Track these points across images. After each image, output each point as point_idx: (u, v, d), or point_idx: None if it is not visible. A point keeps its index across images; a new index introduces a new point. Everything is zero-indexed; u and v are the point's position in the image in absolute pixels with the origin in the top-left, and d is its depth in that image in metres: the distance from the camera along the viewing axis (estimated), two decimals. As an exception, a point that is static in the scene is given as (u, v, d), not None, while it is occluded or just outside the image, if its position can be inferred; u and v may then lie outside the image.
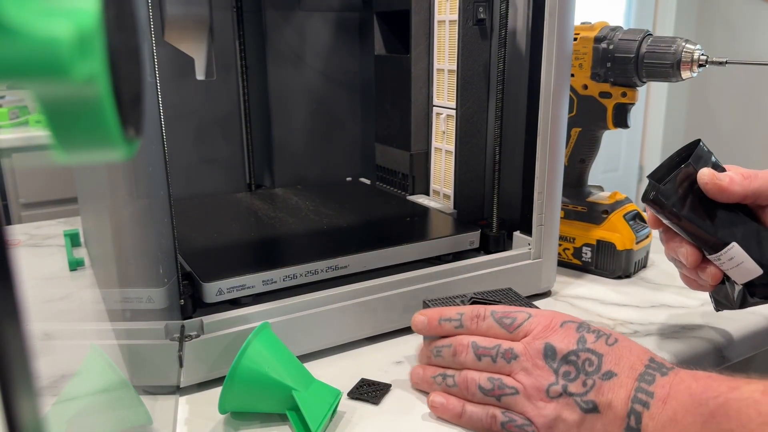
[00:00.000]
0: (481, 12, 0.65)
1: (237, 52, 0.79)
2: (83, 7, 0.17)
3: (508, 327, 0.45)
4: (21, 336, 0.16)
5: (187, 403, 0.48)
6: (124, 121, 0.19)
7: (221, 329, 0.48)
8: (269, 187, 0.86)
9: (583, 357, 0.41)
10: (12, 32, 0.16)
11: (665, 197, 0.50)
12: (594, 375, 0.41)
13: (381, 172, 0.82)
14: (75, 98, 0.17)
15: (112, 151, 0.19)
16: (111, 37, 0.18)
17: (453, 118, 0.69)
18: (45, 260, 0.78)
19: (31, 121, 1.90)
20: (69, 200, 1.03)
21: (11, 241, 0.80)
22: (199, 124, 0.80)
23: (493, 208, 0.64)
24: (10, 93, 1.93)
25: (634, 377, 0.40)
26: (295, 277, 0.54)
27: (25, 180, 1.79)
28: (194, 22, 0.55)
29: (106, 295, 0.60)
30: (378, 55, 0.80)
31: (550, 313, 0.45)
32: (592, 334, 0.43)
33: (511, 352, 0.43)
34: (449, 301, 0.52)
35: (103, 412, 0.42)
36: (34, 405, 0.16)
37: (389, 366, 0.52)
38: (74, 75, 0.17)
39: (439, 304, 0.51)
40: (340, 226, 0.66)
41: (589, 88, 0.68)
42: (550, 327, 0.43)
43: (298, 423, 0.43)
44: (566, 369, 0.41)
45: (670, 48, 0.61)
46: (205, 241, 0.62)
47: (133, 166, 0.44)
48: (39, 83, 0.17)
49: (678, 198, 0.50)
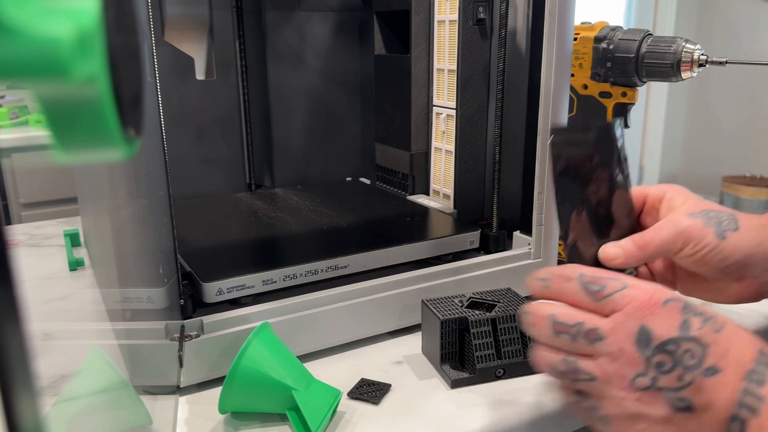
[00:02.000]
0: (481, 12, 0.65)
1: (237, 52, 0.79)
2: (83, 7, 0.17)
3: (596, 294, 0.38)
4: (21, 336, 0.16)
5: (187, 403, 0.48)
6: (124, 121, 0.19)
7: (221, 329, 0.48)
8: (269, 187, 0.86)
9: (685, 347, 0.35)
10: (12, 32, 0.16)
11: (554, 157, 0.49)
12: (694, 369, 0.35)
13: (381, 172, 0.82)
14: (75, 98, 0.17)
15: (112, 151, 0.19)
16: (111, 37, 0.18)
17: (453, 118, 0.69)
18: (45, 260, 0.78)
19: (31, 121, 1.90)
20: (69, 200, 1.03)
21: (11, 241, 0.80)
22: (199, 124, 0.80)
23: (493, 208, 0.64)
24: (10, 93, 1.93)
25: (741, 375, 0.34)
26: (295, 277, 0.54)
27: (25, 180, 1.79)
28: (194, 22, 0.55)
29: (106, 295, 0.60)
30: (378, 55, 0.80)
31: (651, 287, 0.37)
32: (698, 317, 0.36)
33: (596, 333, 0.37)
34: (447, 301, 0.52)
35: (103, 412, 0.42)
36: (34, 405, 0.16)
37: (389, 366, 0.52)
38: (74, 75, 0.17)
39: (438, 304, 0.51)
40: (340, 226, 0.66)
41: (589, 88, 0.68)
42: (648, 305, 0.36)
43: (298, 423, 0.43)
44: (661, 359, 0.35)
45: (670, 48, 0.61)
46: (205, 241, 0.62)
47: (133, 166, 0.44)
48: (39, 83, 0.17)
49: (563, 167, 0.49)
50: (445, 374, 0.49)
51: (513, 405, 0.47)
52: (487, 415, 0.46)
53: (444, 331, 0.50)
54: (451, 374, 0.49)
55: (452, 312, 0.50)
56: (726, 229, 0.45)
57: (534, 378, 0.50)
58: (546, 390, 0.44)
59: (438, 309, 0.51)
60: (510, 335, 0.49)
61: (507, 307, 0.50)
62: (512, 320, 0.49)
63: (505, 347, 0.49)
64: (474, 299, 0.52)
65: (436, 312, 0.50)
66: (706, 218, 0.45)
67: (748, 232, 0.46)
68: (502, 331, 0.49)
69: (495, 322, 0.49)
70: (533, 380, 0.49)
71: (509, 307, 0.50)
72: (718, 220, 0.46)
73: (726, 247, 0.45)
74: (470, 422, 0.45)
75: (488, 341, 0.49)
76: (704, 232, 0.45)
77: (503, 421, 0.45)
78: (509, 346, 0.49)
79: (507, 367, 0.49)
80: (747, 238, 0.45)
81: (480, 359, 0.49)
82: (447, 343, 0.50)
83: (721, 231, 0.45)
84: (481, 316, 0.49)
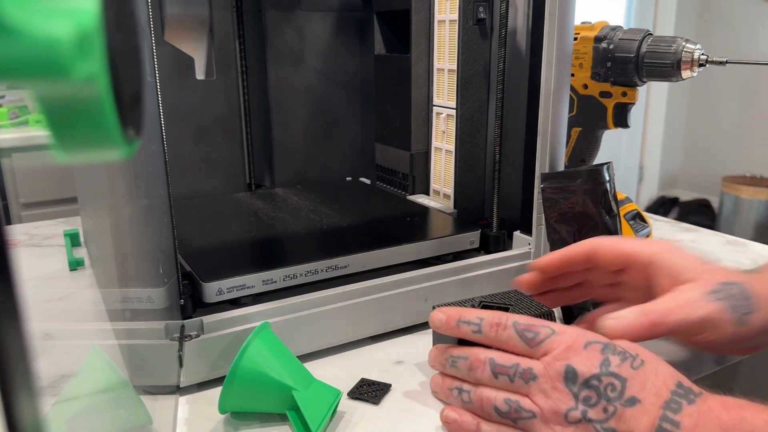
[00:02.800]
0: (481, 12, 0.65)
1: (237, 52, 0.79)
2: (83, 7, 0.17)
3: (530, 341, 0.42)
4: (21, 336, 0.16)
5: (187, 403, 0.48)
6: (124, 121, 0.19)
7: (221, 329, 0.48)
8: (269, 187, 0.86)
9: (606, 381, 0.39)
10: (12, 32, 0.16)
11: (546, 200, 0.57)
12: (616, 401, 0.38)
13: (381, 172, 0.82)
14: (75, 98, 0.17)
15: (112, 151, 0.19)
16: (111, 37, 0.18)
17: (453, 118, 0.69)
18: (45, 260, 0.78)
19: (31, 121, 1.90)
20: (69, 200, 1.03)
21: (11, 241, 0.80)
22: (199, 124, 0.80)
23: (493, 208, 0.64)
24: (10, 93, 1.93)
25: (659, 404, 0.37)
26: (295, 277, 0.54)
27: (25, 180, 1.79)
28: (194, 22, 0.55)
29: (106, 295, 0.60)
30: (378, 55, 0.80)
31: (575, 332, 0.42)
32: (617, 356, 0.40)
33: (530, 373, 0.41)
34: (458, 305, 0.51)
35: (103, 412, 0.42)
36: (34, 405, 0.16)
37: (389, 366, 0.52)
38: (74, 75, 0.17)
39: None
40: (340, 226, 0.66)
41: (589, 88, 0.68)
42: (573, 347, 0.40)
43: (298, 423, 0.43)
44: (587, 394, 0.39)
45: (671, 48, 0.61)
46: (205, 241, 0.62)
47: (133, 166, 0.44)
48: (39, 83, 0.17)
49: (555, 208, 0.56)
50: None
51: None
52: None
53: (461, 339, 0.49)
54: None
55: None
56: (744, 312, 0.44)
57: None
58: None
59: None
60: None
61: (520, 310, 0.49)
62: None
63: None
64: (485, 302, 0.51)
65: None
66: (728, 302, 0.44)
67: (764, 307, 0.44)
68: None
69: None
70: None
71: (523, 309, 0.49)
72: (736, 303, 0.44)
73: (743, 332, 0.44)
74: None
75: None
76: (724, 320, 0.43)
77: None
78: None
79: None
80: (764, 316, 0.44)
81: None
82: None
83: (741, 316, 0.44)
84: None
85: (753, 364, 0.66)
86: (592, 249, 0.49)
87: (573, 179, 0.55)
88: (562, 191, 0.55)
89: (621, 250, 0.48)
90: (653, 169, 3.53)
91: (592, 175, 0.55)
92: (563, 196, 0.55)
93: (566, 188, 0.55)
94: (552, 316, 0.48)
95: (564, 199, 0.55)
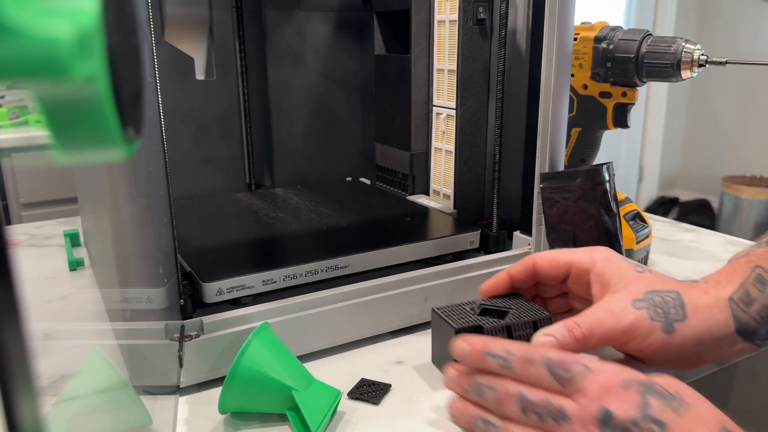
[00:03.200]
0: (481, 12, 0.65)
1: (237, 52, 0.79)
2: (83, 7, 0.17)
3: (562, 380, 0.39)
4: (21, 336, 0.16)
5: (187, 403, 0.48)
6: (124, 121, 0.19)
7: (221, 329, 0.48)
8: (269, 187, 0.86)
9: (645, 428, 0.36)
10: (12, 32, 0.16)
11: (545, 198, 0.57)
12: None
13: (381, 172, 0.82)
14: (75, 98, 0.17)
15: (112, 151, 0.19)
16: (111, 37, 0.18)
17: (453, 118, 0.69)
18: (45, 260, 0.78)
19: (31, 121, 1.90)
20: (69, 200, 1.03)
21: (11, 241, 0.80)
22: (199, 124, 0.80)
23: (493, 208, 0.64)
24: (10, 93, 1.93)
25: None
26: (295, 277, 0.54)
27: (25, 180, 1.79)
28: (194, 22, 0.55)
29: (106, 295, 0.60)
30: (378, 55, 0.80)
31: (611, 369, 0.39)
32: (657, 398, 0.37)
33: (562, 413, 0.38)
34: (457, 308, 0.50)
35: (103, 412, 0.42)
36: (34, 405, 0.16)
37: (389, 366, 0.52)
38: (74, 75, 0.17)
39: (449, 312, 0.50)
40: (340, 226, 0.66)
41: (589, 88, 0.68)
42: (609, 387, 0.37)
43: (298, 423, 0.43)
44: None
45: (670, 48, 0.61)
46: (205, 241, 0.62)
47: (133, 166, 0.44)
48: (39, 83, 0.17)
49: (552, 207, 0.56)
50: None
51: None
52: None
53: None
54: None
55: (466, 320, 0.48)
56: (674, 319, 0.44)
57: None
58: None
59: (451, 317, 0.49)
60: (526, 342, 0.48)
61: (521, 314, 0.49)
62: (527, 327, 0.48)
63: None
64: (485, 305, 0.51)
65: (449, 321, 0.48)
66: (653, 310, 0.44)
67: (696, 317, 0.44)
68: (517, 339, 0.48)
69: (510, 329, 0.48)
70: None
71: (523, 313, 0.49)
72: (665, 310, 0.44)
73: (674, 341, 0.44)
74: (470, 422, 0.45)
75: None
76: (651, 327, 0.43)
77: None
78: None
79: None
80: (696, 325, 0.44)
81: None
82: None
83: (669, 323, 0.44)
84: (496, 324, 0.47)
85: (752, 365, 0.66)
86: (532, 263, 0.50)
87: (572, 179, 0.55)
88: (561, 191, 0.56)
89: (558, 261, 0.49)
90: (653, 169, 3.54)
91: (591, 175, 0.55)
92: (562, 196, 0.55)
93: (565, 188, 0.55)
94: (551, 321, 0.48)
95: (563, 199, 0.55)
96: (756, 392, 0.72)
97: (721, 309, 0.45)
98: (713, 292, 0.46)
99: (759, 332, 0.45)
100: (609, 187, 0.55)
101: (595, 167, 0.55)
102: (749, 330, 0.45)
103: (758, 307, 0.45)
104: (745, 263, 0.47)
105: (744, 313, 0.45)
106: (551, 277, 0.50)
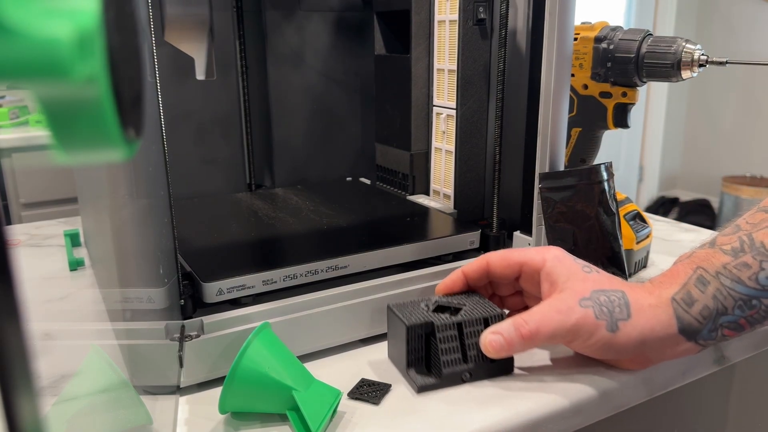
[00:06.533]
0: (481, 12, 0.65)
1: (237, 52, 0.79)
2: (83, 7, 0.17)
3: None
4: (21, 336, 0.16)
5: (187, 403, 0.48)
6: (124, 121, 0.19)
7: (221, 329, 0.48)
8: (269, 187, 0.86)
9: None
10: (12, 32, 0.16)
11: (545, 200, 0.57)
12: None
13: (381, 172, 0.82)
14: (75, 98, 0.17)
15: (112, 151, 0.19)
16: (111, 38, 0.18)
17: (453, 118, 0.69)
18: (45, 260, 0.78)
19: (31, 121, 1.90)
20: (69, 200, 1.03)
21: (11, 241, 0.80)
22: (199, 124, 0.80)
23: (493, 208, 0.64)
24: (10, 93, 1.93)
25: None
26: (295, 277, 0.54)
27: (25, 180, 1.79)
28: (194, 22, 0.55)
29: (106, 295, 0.60)
30: (378, 55, 0.80)
31: None
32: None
33: None
34: (413, 306, 0.51)
35: (103, 412, 0.42)
36: (34, 405, 0.16)
37: (389, 366, 0.52)
38: (74, 75, 0.17)
39: (404, 309, 0.51)
40: (340, 226, 0.66)
41: (589, 88, 0.68)
42: None
43: (298, 423, 0.43)
44: None
45: (671, 48, 0.61)
46: (205, 241, 0.62)
47: (133, 166, 0.44)
48: (39, 83, 0.17)
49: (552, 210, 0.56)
50: (412, 380, 0.49)
51: (513, 404, 0.47)
52: (487, 414, 0.46)
53: (410, 337, 0.49)
54: (418, 380, 0.48)
55: (418, 317, 0.49)
56: (618, 318, 0.45)
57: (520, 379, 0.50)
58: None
59: (404, 314, 0.50)
60: (476, 339, 0.49)
61: (473, 311, 0.50)
62: (478, 324, 0.49)
63: (471, 351, 0.49)
64: (440, 303, 0.51)
65: (402, 317, 0.49)
66: (598, 308, 0.45)
67: (640, 317, 0.45)
68: (468, 335, 0.49)
69: (461, 326, 0.49)
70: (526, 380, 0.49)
71: (475, 310, 0.50)
72: (610, 309, 0.45)
73: (619, 340, 0.45)
74: (470, 422, 0.45)
75: (454, 345, 0.48)
76: (596, 325, 0.44)
77: (504, 421, 0.45)
78: (475, 349, 0.49)
79: (473, 371, 0.49)
80: (639, 325, 0.45)
81: (446, 364, 0.48)
82: (413, 349, 0.49)
83: (613, 322, 0.45)
84: (447, 321, 0.48)
85: (750, 365, 0.66)
86: (486, 262, 0.51)
87: (570, 178, 0.55)
88: (560, 190, 0.56)
89: (510, 261, 0.50)
90: (653, 169, 3.54)
91: (589, 174, 0.55)
92: (561, 196, 0.55)
93: (563, 187, 0.55)
94: (503, 318, 0.49)
95: (561, 199, 0.55)
96: (756, 392, 0.72)
97: (663, 309, 0.46)
98: (657, 293, 0.47)
99: (701, 332, 0.46)
100: (607, 187, 0.55)
101: (593, 166, 0.55)
102: (692, 330, 0.46)
103: (699, 307, 0.46)
104: (687, 264, 0.48)
105: (686, 313, 0.46)
106: (504, 276, 0.51)
